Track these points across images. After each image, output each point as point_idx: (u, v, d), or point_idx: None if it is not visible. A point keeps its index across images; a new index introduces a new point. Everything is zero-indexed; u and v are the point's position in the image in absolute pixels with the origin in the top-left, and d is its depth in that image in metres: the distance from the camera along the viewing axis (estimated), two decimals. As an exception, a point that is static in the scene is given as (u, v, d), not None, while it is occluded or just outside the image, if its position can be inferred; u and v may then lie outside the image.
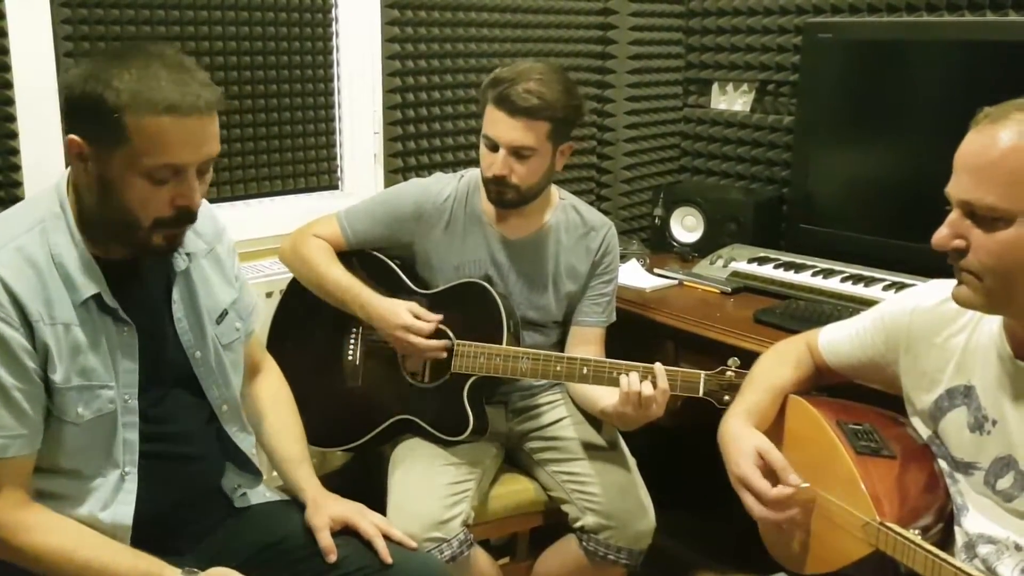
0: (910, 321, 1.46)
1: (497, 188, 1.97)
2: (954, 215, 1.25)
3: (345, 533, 1.59)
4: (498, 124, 1.91)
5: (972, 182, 1.21)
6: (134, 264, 1.44)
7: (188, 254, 1.51)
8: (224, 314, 1.58)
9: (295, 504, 1.65)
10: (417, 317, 1.95)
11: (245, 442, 1.63)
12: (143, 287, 1.47)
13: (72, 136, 1.32)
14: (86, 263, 1.37)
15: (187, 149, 1.31)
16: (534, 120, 1.90)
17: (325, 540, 1.56)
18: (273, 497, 1.67)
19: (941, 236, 1.26)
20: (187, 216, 1.38)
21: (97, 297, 1.37)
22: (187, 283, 1.52)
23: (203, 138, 1.33)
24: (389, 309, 1.96)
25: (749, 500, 1.45)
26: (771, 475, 1.45)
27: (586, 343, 2.12)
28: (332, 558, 1.55)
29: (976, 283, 1.24)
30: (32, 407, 1.33)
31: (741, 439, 1.50)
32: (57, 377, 1.34)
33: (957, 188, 1.24)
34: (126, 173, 1.31)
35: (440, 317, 1.96)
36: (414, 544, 1.64)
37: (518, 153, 1.92)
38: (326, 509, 1.60)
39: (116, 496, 1.42)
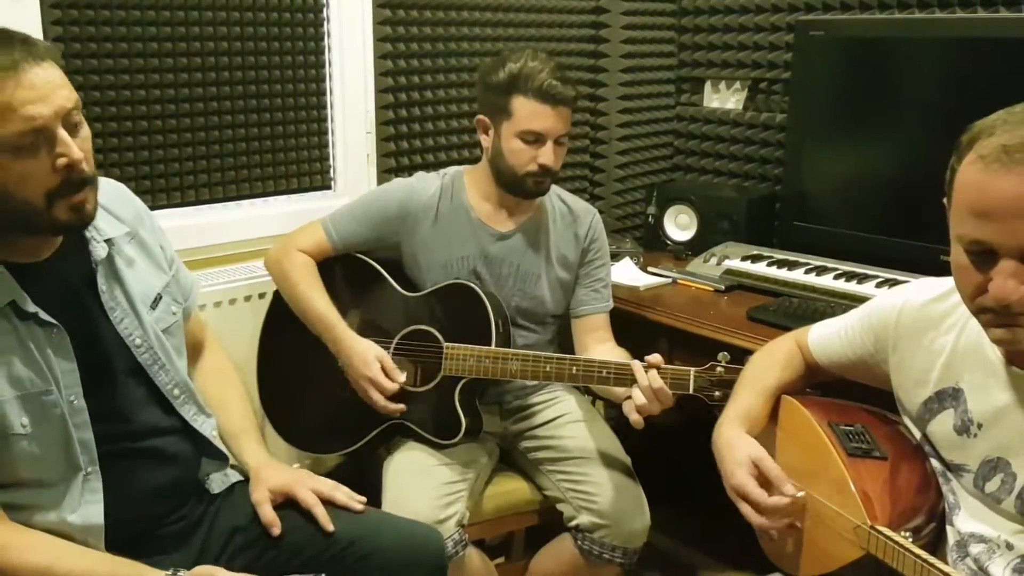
0: (898, 320, 1.45)
1: (539, 179, 2.01)
2: (1011, 265, 1.12)
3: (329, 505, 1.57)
4: (544, 117, 1.95)
5: None
6: (52, 262, 1.39)
7: (107, 240, 1.46)
8: (158, 299, 1.53)
9: None
10: (385, 370, 1.94)
11: (205, 425, 1.59)
12: (65, 283, 1.41)
13: None
14: None
15: (36, 105, 1.23)
16: (569, 107, 1.99)
17: (266, 515, 1.54)
18: (237, 478, 1.64)
19: (1009, 290, 1.12)
20: (77, 177, 1.29)
21: (13, 304, 1.32)
22: (111, 270, 1.46)
23: (48, 89, 1.25)
24: (360, 355, 1.95)
25: (746, 509, 1.44)
26: (767, 483, 1.44)
27: (593, 330, 2.13)
28: (275, 531, 1.53)
29: None
30: None
31: (735, 447, 1.49)
32: None
33: (1015, 235, 1.11)
34: None
35: (404, 378, 1.95)
36: (360, 507, 1.60)
37: (559, 141, 2.00)
38: (265, 481, 1.58)
39: (83, 497, 1.39)
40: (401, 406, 1.96)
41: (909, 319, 1.44)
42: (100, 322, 1.44)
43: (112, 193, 1.51)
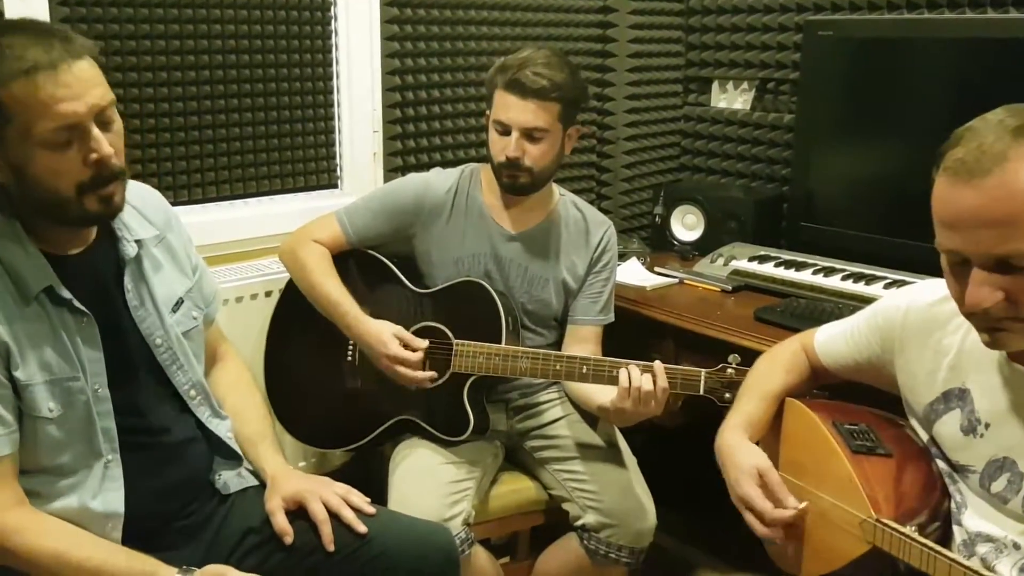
0: (904, 321, 1.45)
1: (510, 172, 1.98)
2: (981, 274, 1.14)
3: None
4: (510, 108, 1.93)
5: (1000, 236, 1.10)
6: (84, 256, 1.43)
7: (137, 241, 1.50)
8: (179, 303, 1.57)
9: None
10: (404, 343, 1.93)
11: (220, 427, 1.62)
12: (95, 277, 1.45)
13: None
14: (33, 258, 1.35)
15: (71, 103, 1.26)
16: (545, 101, 1.93)
17: (279, 524, 1.54)
18: (253, 482, 1.66)
19: (981, 297, 1.14)
20: (108, 172, 1.34)
21: (49, 290, 1.36)
22: (139, 270, 1.51)
23: (83, 87, 1.27)
24: (375, 335, 1.94)
25: (751, 518, 1.45)
26: (770, 494, 1.45)
27: (583, 341, 2.11)
28: (288, 540, 1.54)
29: (1022, 327, 1.17)
30: (4, 406, 1.33)
31: (739, 456, 1.49)
32: (21, 375, 1.33)
33: (979, 245, 1.13)
34: (26, 149, 1.27)
35: (427, 344, 1.94)
36: (372, 510, 1.60)
37: (531, 135, 1.95)
38: (279, 490, 1.58)
39: (103, 484, 1.42)
40: (432, 373, 1.95)
41: (915, 319, 1.43)
42: (124, 318, 1.48)
43: (146, 197, 1.56)
